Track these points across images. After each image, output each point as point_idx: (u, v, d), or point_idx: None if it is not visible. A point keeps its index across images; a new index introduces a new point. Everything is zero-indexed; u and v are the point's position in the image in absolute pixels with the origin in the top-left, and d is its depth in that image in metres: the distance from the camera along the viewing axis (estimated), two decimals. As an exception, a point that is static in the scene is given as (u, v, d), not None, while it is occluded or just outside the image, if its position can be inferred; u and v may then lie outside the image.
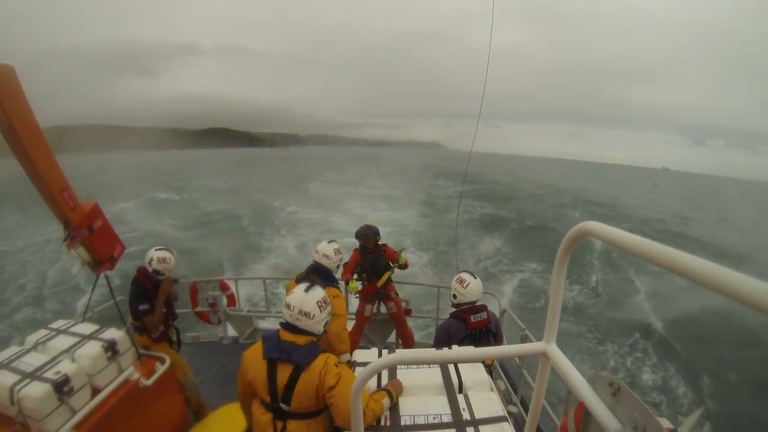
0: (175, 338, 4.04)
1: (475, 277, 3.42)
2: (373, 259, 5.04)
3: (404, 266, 5.14)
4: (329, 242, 3.76)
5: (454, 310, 3.43)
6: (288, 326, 2.13)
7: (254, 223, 25.34)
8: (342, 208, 33.58)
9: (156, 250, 3.76)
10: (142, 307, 3.57)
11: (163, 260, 3.71)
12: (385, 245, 5.15)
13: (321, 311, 2.15)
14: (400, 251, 5.14)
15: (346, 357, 3.24)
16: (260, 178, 55.00)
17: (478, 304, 3.38)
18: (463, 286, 3.38)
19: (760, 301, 0.52)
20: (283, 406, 2.07)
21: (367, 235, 4.96)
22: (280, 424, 2.10)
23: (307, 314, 2.10)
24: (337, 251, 3.70)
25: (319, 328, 2.17)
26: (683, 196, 71.56)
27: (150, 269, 3.69)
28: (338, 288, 3.56)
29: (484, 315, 3.33)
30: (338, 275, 3.72)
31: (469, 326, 3.26)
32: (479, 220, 29.20)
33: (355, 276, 5.06)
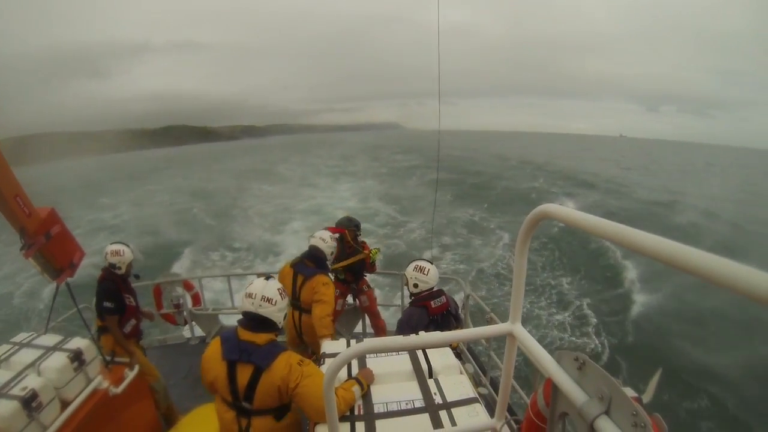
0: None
1: (431, 263, 3.37)
2: (350, 254, 4.69)
3: (373, 264, 4.78)
4: (325, 229, 3.95)
5: (413, 298, 3.35)
6: (247, 323, 2.06)
7: (216, 216, 23.52)
8: (309, 183, 33.41)
9: (111, 244, 3.57)
10: (106, 304, 3.33)
11: (117, 253, 3.51)
12: (364, 243, 4.79)
13: (282, 298, 2.14)
14: (376, 251, 4.77)
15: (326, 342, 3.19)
16: (222, 171, 51.94)
17: (435, 289, 3.32)
18: (424, 273, 3.28)
19: (710, 272, 0.57)
20: (245, 404, 2.00)
21: (346, 227, 4.67)
22: (244, 421, 2.04)
23: (269, 300, 2.06)
24: (333, 238, 3.84)
25: (279, 318, 2.13)
26: (613, 159, 71.02)
27: (106, 264, 3.49)
28: (329, 276, 3.59)
29: (443, 299, 3.27)
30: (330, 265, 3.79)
31: (431, 312, 3.19)
32: (437, 185, 29.91)
33: (333, 276, 4.70)
